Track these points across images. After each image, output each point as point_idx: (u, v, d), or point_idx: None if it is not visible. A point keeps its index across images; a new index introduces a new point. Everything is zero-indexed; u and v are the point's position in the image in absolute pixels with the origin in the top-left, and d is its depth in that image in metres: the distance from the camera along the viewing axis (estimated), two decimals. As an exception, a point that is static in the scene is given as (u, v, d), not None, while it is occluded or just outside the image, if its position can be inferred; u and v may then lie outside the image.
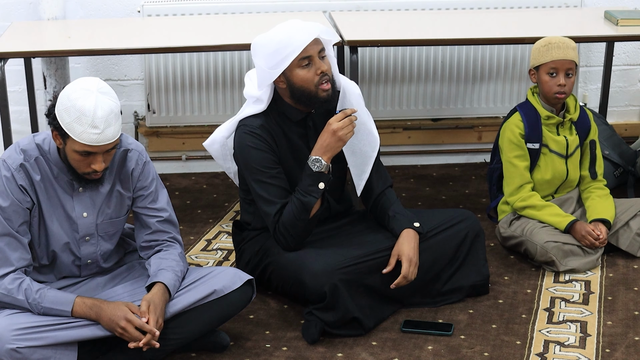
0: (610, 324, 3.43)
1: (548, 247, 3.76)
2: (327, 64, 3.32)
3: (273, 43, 3.28)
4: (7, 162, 3.00)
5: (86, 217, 3.11)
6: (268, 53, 3.29)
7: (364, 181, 3.51)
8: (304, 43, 3.26)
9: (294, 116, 3.41)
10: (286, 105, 3.40)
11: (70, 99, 2.89)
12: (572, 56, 3.78)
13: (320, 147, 3.33)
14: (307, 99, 3.33)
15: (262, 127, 3.38)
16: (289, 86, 3.33)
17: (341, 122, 3.31)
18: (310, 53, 3.28)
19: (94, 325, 2.99)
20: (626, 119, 5.15)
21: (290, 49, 3.26)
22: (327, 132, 3.32)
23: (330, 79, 3.32)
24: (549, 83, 3.80)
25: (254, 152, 3.36)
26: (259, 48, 3.33)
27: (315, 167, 3.33)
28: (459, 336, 3.35)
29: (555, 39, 3.80)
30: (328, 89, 3.32)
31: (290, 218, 3.34)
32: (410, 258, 3.36)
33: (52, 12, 4.52)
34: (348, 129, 3.31)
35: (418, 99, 4.88)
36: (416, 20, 4.49)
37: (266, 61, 3.30)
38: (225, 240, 4.12)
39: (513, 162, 3.89)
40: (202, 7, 4.63)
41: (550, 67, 3.79)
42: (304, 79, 3.30)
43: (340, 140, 3.31)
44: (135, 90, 4.83)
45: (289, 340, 3.33)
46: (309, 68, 3.29)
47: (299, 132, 3.44)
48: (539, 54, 3.81)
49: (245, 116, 3.42)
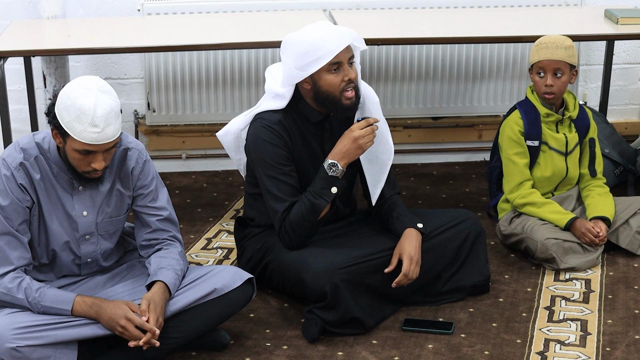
0: (610, 322, 3.43)
1: (548, 244, 3.76)
2: (355, 71, 3.31)
3: (305, 44, 3.25)
4: (6, 161, 3.00)
5: (86, 215, 3.11)
6: (299, 53, 3.26)
7: (379, 190, 3.51)
8: (337, 48, 3.24)
9: (313, 117, 3.40)
10: (307, 106, 3.39)
11: (70, 98, 2.89)
12: (561, 56, 3.77)
13: (338, 152, 3.32)
14: (330, 103, 3.32)
15: (280, 123, 3.36)
16: (313, 88, 3.31)
17: (363, 130, 3.30)
18: (341, 59, 3.26)
19: (94, 324, 2.98)
20: (626, 117, 5.14)
21: (323, 52, 3.23)
22: (348, 138, 3.31)
23: (355, 86, 3.32)
24: (538, 83, 3.83)
25: (269, 146, 3.35)
26: (290, 46, 3.30)
27: (331, 171, 3.32)
28: (459, 335, 3.35)
29: (547, 38, 3.80)
30: (352, 97, 3.31)
31: (298, 217, 3.33)
32: (411, 256, 3.36)
33: (52, 11, 4.52)
34: (369, 138, 3.31)
35: (418, 97, 4.88)
36: (416, 19, 4.49)
37: (295, 61, 3.28)
38: (225, 239, 4.11)
39: (513, 159, 3.89)
40: (202, 6, 4.63)
41: (539, 67, 3.81)
42: (331, 83, 3.28)
43: (360, 148, 3.31)
44: (135, 89, 4.83)
45: (290, 339, 3.33)
46: (337, 73, 3.28)
47: (316, 133, 3.44)
48: (532, 53, 3.84)
49: (264, 110, 3.41)
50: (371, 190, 3.52)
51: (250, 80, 4.74)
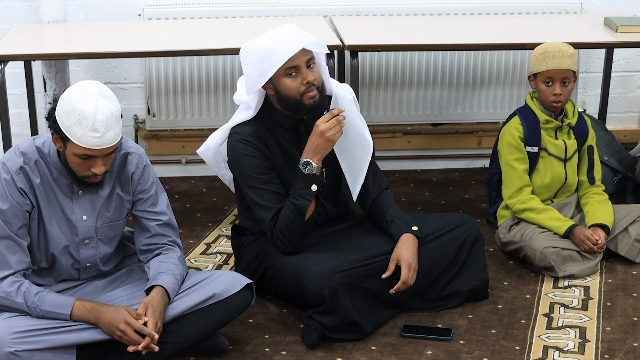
0: (609, 329, 3.43)
1: (547, 253, 3.77)
2: (316, 73, 3.29)
3: (261, 51, 3.25)
4: (6, 165, 3.00)
5: (86, 220, 3.11)
6: (255, 60, 3.26)
7: (359, 186, 3.50)
8: (290, 53, 3.22)
9: (285, 123, 3.40)
10: (277, 112, 3.39)
11: (71, 102, 2.89)
12: (568, 65, 3.78)
13: (309, 150, 3.32)
14: (293, 106, 3.31)
15: (254, 134, 3.37)
16: (276, 93, 3.31)
17: (328, 122, 3.29)
18: (296, 63, 3.25)
19: (93, 328, 2.98)
20: (625, 125, 5.15)
21: (277, 57, 3.22)
22: (315, 133, 3.30)
23: (317, 86, 3.30)
24: (545, 92, 3.81)
25: (246, 159, 3.36)
26: (247, 54, 3.30)
27: (307, 169, 3.32)
28: (458, 341, 3.35)
29: (552, 46, 3.80)
30: (314, 96, 3.29)
31: (286, 222, 3.33)
32: (409, 263, 3.36)
33: (53, 15, 4.52)
34: (336, 129, 3.29)
35: (418, 103, 4.88)
36: (416, 26, 4.50)
37: (254, 68, 3.27)
38: (224, 244, 4.11)
39: (512, 165, 3.89)
40: (202, 11, 4.64)
41: (546, 77, 3.80)
42: (289, 87, 3.27)
43: (329, 141, 3.30)
44: (136, 93, 4.83)
45: (288, 345, 3.33)
46: (295, 77, 3.27)
47: (291, 138, 3.44)
48: (536, 61, 3.82)
49: (237, 123, 3.41)
50: (351, 187, 3.51)
51: (250, 85, 4.74)
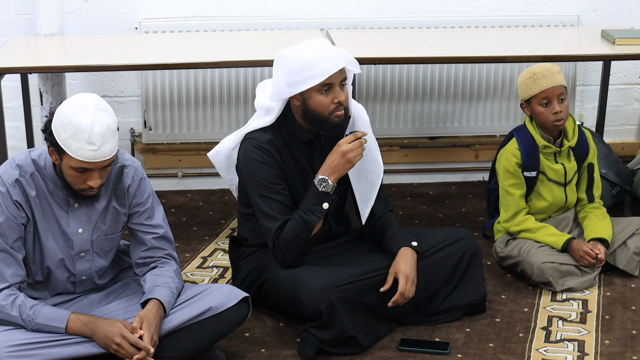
0: (607, 343, 3.42)
1: (545, 268, 3.75)
2: (346, 93, 3.30)
3: (299, 61, 3.23)
4: (2, 178, 2.99)
5: (81, 233, 3.09)
6: (291, 70, 3.25)
7: (369, 209, 3.50)
8: (331, 70, 3.22)
9: (303, 136, 3.39)
10: (296, 124, 3.38)
11: (67, 115, 2.88)
12: (560, 81, 3.76)
13: (328, 168, 3.32)
14: (317, 122, 3.31)
15: (270, 142, 3.36)
16: (302, 106, 3.31)
17: (351, 144, 3.30)
18: (333, 81, 3.25)
19: (89, 342, 2.97)
20: (623, 138, 5.15)
21: (315, 72, 3.22)
22: (337, 152, 3.30)
23: (345, 107, 3.31)
24: (544, 113, 3.78)
25: (260, 165, 3.34)
26: (284, 61, 3.28)
27: (322, 187, 3.31)
28: (456, 355, 3.33)
29: (538, 68, 3.77)
30: (341, 115, 3.29)
31: (291, 235, 3.32)
32: (407, 275, 3.35)
33: (49, 28, 4.52)
34: (357, 152, 3.30)
35: (415, 117, 4.88)
36: (413, 39, 4.50)
37: (287, 76, 3.26)
38: (221, 258, 4.10)
39: (509, 191, 3.88)
40: (199, 24, 4.64)
41: (542, 98, 3.76)
42: (320, 104, 3.27)
43: (349, 162, 3.30)
44: (132, 106, 4.82)
45: (285, 359, 3.31)
46: (327, 94, 3.26)
47: (306, 152, 3.43)
48: (526, 86, 3.79)
49: (253, 129, 3.40)
50: (361, 209, 3.51)
51: (247, 98, 4.74)
